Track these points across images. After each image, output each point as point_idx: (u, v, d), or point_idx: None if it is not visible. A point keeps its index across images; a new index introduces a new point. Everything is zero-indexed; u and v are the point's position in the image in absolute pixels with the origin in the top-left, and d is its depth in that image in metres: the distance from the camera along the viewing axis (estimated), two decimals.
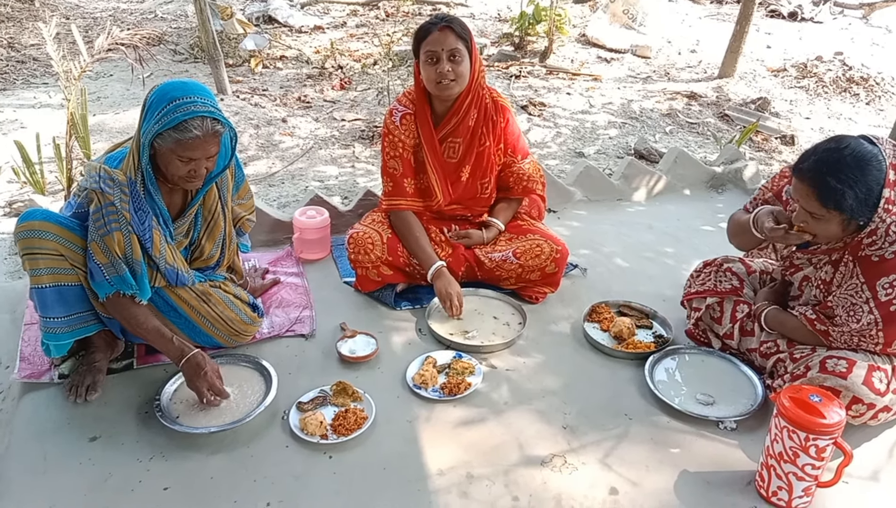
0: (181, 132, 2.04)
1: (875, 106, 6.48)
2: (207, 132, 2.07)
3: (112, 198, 2.11)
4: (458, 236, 2.93)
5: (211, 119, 2.07)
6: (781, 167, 2.45)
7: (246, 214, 2.65)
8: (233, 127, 2.21)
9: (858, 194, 2.01)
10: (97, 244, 2.13)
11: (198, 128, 2.05)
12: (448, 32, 2.61)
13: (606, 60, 7.13)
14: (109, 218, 2.11)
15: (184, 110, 2.03)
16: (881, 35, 9.13)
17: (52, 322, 2.19)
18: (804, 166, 2.09)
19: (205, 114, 2.06)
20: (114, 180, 2.12)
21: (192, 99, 2.05)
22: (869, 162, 2.02)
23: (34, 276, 2.15)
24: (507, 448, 2.18)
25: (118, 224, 2.12)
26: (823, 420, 1.85)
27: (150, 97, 2.10)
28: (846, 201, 2.02)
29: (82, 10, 7.90)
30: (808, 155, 2.10)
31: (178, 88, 2.08)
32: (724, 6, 10.11)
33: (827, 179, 2.02)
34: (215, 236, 2.43)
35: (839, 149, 2.05)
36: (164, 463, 2.07)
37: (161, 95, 2.07)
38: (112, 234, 2.11)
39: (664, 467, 2.12)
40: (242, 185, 2.59)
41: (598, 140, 5.21)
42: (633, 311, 2.84)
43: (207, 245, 2.42)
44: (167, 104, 2.04)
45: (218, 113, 2.10)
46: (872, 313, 2.11)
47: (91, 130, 4.40)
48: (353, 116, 5.37)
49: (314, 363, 2.53)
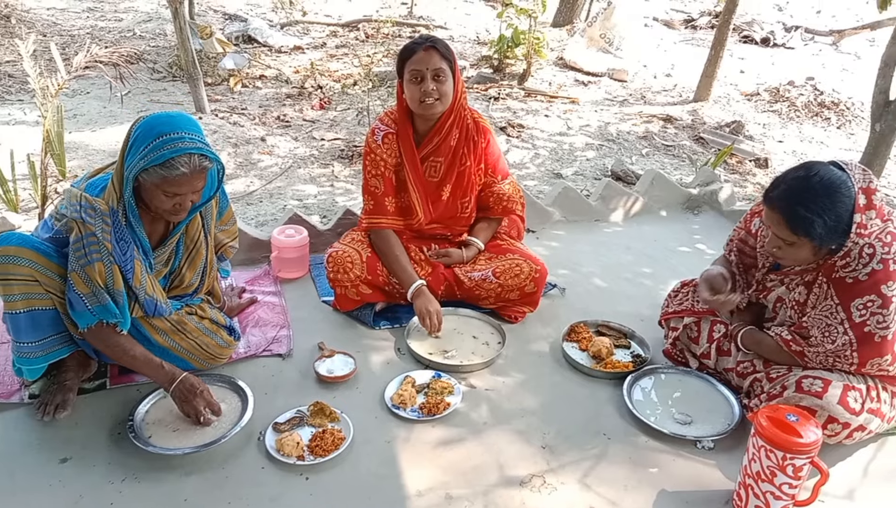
0: (168, 169, 1.99)
1: (846, 130, 6.63)
2: (195, 169, 2.02)
3: (93, 228, 2.05)
4: (438, 254, 2.93)
5: (199, 155, 2.02)
6: (751, 207, 2.49)
7: (228, 240, 2.60)
8: (220, 161, 2.16)
9: (828, 221, 2.03)
10: (78, 275, 2.08)
11: (185, 165, 2.00)
12: (432, 52, 2.63)
13: (584, 84, 7.22)
14: (91, 248, 2.06)
15: (171, 147, 1.98)
16: (850, 61, 9.37)
17: (26, 347, 2.15)
18: (774, 195, 2.11)
19: (193, 151, 2.00)
20: (95, 210, 2.06)
21: (179, 135, 2.00)
22: (838, 189, 2.04)
23: (8, 301, 2.10)
24: (487, 468, 2.16)
25: (99, 254, 2.07)
26: (800, 440, 1.86)
27: (135, 130, 2.04)
28: (816, 230, 2.04)
29: (59, 28, 7.85)
30: (778, 183, 2.12)
31: (164, 121, 2.02)
32: (699, 31, 10.31)
33: (796, 208, 2.04)
34: (196, 264, 2.40)
35: (808, 177, 2.06)
36: (137, 486, 2.03)
37: (147, 130, 2.01)
38: (94, 264, 2.06)
39: (643, 486, 2.12)
40: (226, 211, 2.55)
41: (575, 162, 5.26)
42: (612, 331, 2.85)
43: (188, 274, 2.39)
44: (154, 140, 1.98)
45: (206, 149, 2.05)
46: (847, 334, 2.13)
47: (67, 148, 4.36)
48: (333, 136, 5.37)
49: (291, 383, 2.50)
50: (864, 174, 2.11)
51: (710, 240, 3.74)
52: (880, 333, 2.09)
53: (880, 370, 2.16)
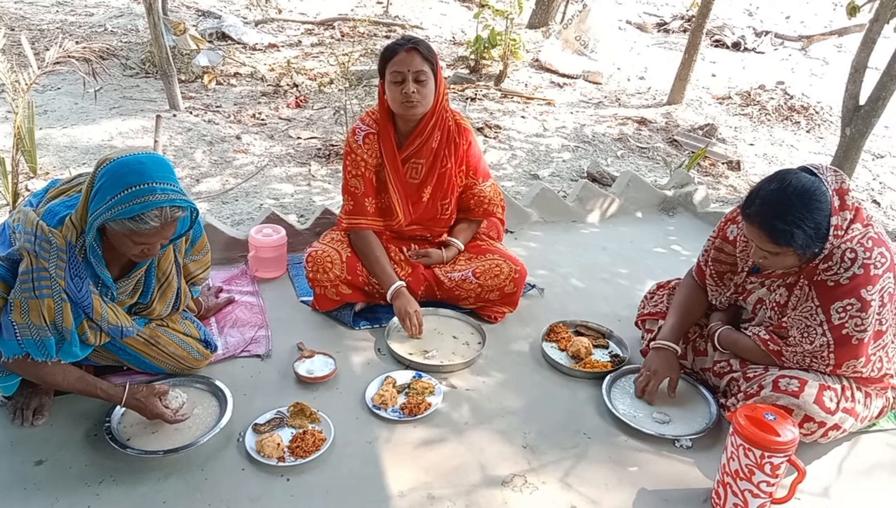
0: (136, 222, 1.87)
1: (815, 134, 6.75)
2: (166, 221, 1.91)
3: (46, 264, 1.89)
4: (418, 255, 2.93)
5: (171, 207, 1.91)
6: (726, 214, 2.52)
7: (200, 272, 2.52)
8: (194, 206, 2.05)
9: (807, 230, 2.06)
10: (20, 302, 1.90)
11: (155, 218, 1.88)
12: (414, 54, 2.63)
13: (559, 85, 7.27)
14: (41, 283, 1.90)
15: (141, 201, 1.84)
16: (819, 66, 9.54)
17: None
18: (751, 211, 2.13)
19: (165, 204, 1.88)
20: (50, 243, 1.90)
21: (150, 186, 1.86)
22: (812, 196, 2.07)
23: None
24: (468, 468, 2.17)
25: (50, 291, 1.91)
26: (778, 438, 1.89)
27: (100, 174, 1.88)
28: (796, 240, 2.07)
29: (28, 22, 7.69)
30: (754, 197, 2.14)
31: (134, 170, 1.87)
32: (671, 35, 10.43)
33: (774, 223, 2.07)
34: (167, 297, 2.30)
35: (782, 189, 2.08)
36: (115, 488, 2.00)
37: (115, 178, 1.86)
38: (42, 300, 1.90)
39: (623, 485, 2.14)
40: (199, 240, 2.46)
41: (552, 163, 5.29)
42: (590, 331, 2.87)
43: (158, 306, 2.28)
44: (122, 190, 1.84)
45: (179, 200, 1.92)
46: (825, 336, 2.17)
47: (37, 145, 4.28)
48: (309, 135, 5.34)
49: (270, 383, 2.48)
50: (836, 176, 2.15)
51: (685, 241, 3.79)
52: (857, 335, 2.13)
53: (854, 372, 2.20)
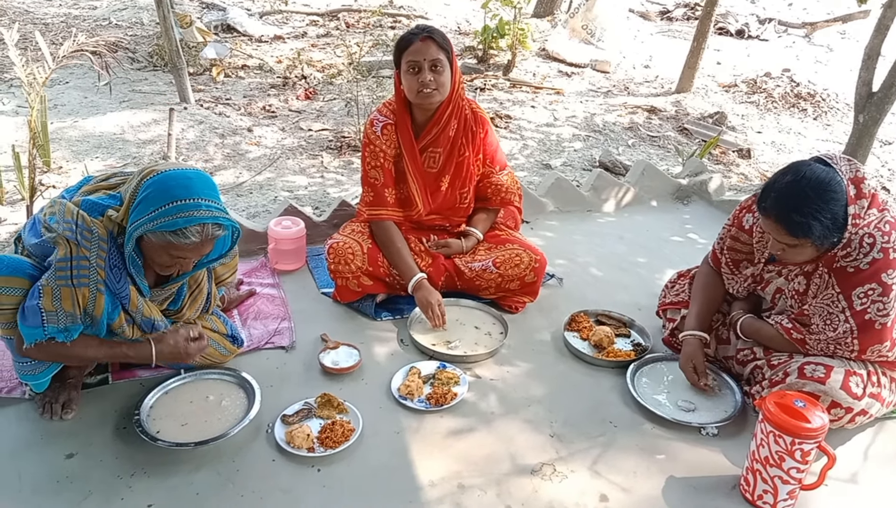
0: (177, 237, 1.89)
1: (822, 121, 6.73)
2: (206, 238, 1.93)
3: (87, 253, 1.91)
4: (438, 245, 2.93)
5: (213, 225, 1.93)
6: (741, 202, 2.50)
7: (228, 275, 2.50)
8: (237, 226, 2.06)
9: (824, 221, 2.06)
10: (51, 289, 1.91)
11: (196, 234, 1.90)
12: (430, 43, 2.62)
13: (567, 75, 7.25)
14: (80, 272, 1.91)
15: (185, 215, 1.87)
16: (824, 53, 9.50)
17: (27, 366, 2.06)
18: (767, 205, 2.12)
19: (208, 221, 1.91)
20: (92, 233, 1.92)
21: (195, 201, 1.89)
22: (828, 187, 2.06)
23: (3, 328, 2.00)
24: (497, 457, 2.17)
25: (87, 280, 1.92)
26: (808, 425, 1.90)
27: (145, 186, 1.91)
28: (814, 232, 2.06)
29: (32, 16, 7.67)
30: (769, 191, 2.13)
31: (181, 184, 1.90)
32: (675, 23, 10.39)
33: (791, 215, 2.06)
34: (198, 302, 2.32)
35: (797, 181, 2.08)
36: (147, 480, 2.01)
37: (161, 190, 1.89)
38: (78, 289, 1.91)
39: (651, 473, 2.15)
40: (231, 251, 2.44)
41: (563, 152, 5.29)
42: (612, 320, 2.87)
43: (188, 311, 2.29)
44: (167, 203, 1.87)
45: (221, 218, 1.94)
46: (848, 322, 2.17)
47: (49, 139, 4.27)
48: (320, 126, 5.33)
49: (296, 375, 2.49)
50: (850, 165, 2.14)
51: (702, 229, 3.79)
52: (881, 320, 2.13)
53: (880, 357, 2.21)
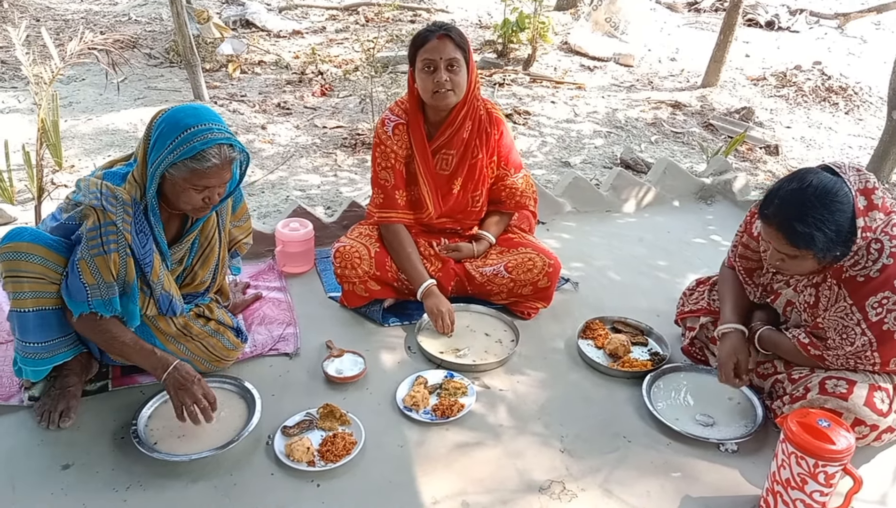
0: (198, 162, 1.95)
1: (854, 115, 6.52)
2: (225, 159, 1.99)
3: (114, 217, 1.99)
4: (448, 249, 2.84)
5: (227, 146, 1.99)
6: (751, 208, 2.37)
7: (243, 237, 2.54)
8: (246, 151, 2.11)
9: (827, 232, 1.94)
10: (87, 264, 1.99)
11: (216, 156, 1.96)
12: (447, 41, 2.53)
13: (589, 69, 7.09)
14: (108, 238, 1.99)
15: (201, 139, 1.94)
16: (857, 45, 9.23)
17: (32, 347, 2.07)
18: (769, 212, 2.02)
19: (222, 141, 1.97)
20: (117, 198, 2.00)
21: (207, 126, 1.96)
22: (834, 197, 1.95)
23: (16, 299, 2.03)
24: (504, 473, 2.09)
25: (116, 245, 2.00)
26: (833, 447, 1.79)
27: (157, 125, 2.00)
28: (816, 243, 1.95)
29: (53, 12, 7.70)
30: (772, 198, 2.03)
31: (189, 113, 1.99)
32: (703, 14, 10.16)
33: (793, 225, 1.96)
34: (210, 262, 2.33)
35: (802, 189, 1.97)
36: (143, 493, 1.96)
37: (172, 124, 1.97)
38: (108, 255, 1.99)
39: (665, 492, 2.05)
40: (240, 206, 2.48)
41: (583, 149, 5.16)
42: (628, 327, 2.77)
43: (200, 272, 2.32)
44: (181, 133, 1.94)
45: (233, 139, 2.02)
46: (865, 335, 2.05)
47: (63, 137, 4.26)
48: (335, 124, 5.26)
49: (299, 383, 2.42)
50: (860, 175, 2.03)
51: (725, 231, 3.64)
52: None
53: None
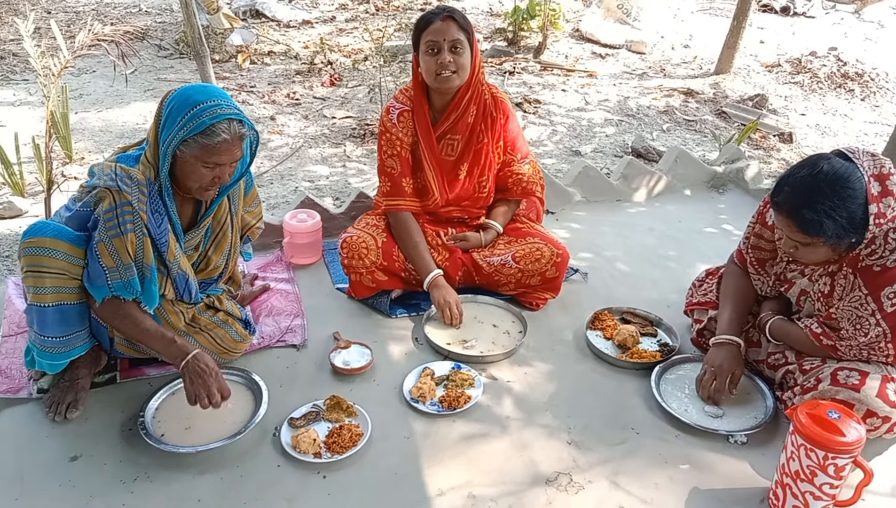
0: (209, 137, 1.96)
1: (870, 102, 6.42)
2: (234, 135, 2.00)
3: (129, 197, 2.00)
4: (455, 239, 2.82)
5: (237, 121, 2.00)
6: (764, 196, 2.33)
7: (255, 222, 2.53)
8: (255, 128, 2.12)
9: (839, 220, 1.91)
10: (105, 246, 2.00)
11: (225, 131, 1.97)
12: (450, 23, 2.52)
13: (601, 56, 7.03)
14: (125, 218, 2.00)
15: (210, 114, 1.95)
16: (874, 30, 9.09)
17: (51, 342, 2.08)
18: (779, 199, 1.99)
19: (231, 116, 1.98)
20: (132, 179, 2.01)
21: (216, 102, 1.98)
22: (846, 183, 1.91)
23: (37, 294, 2.02)
24: (511, 465, 2.08)
25: (133, 225, 2.01)
26: (843, 438, 1.77)
27: (167, 103, 2.01)
28: (826, 230, 1.92)
29: (64, 4, 7.72)
30: (783, 185, 2.00)
31: (198, 91, 2.01)
32: (717, 0, 10.04)
33: (803, 212, 1.93)
34: (223, 247, 2.33)
35: (813, 175, 1.94)
36: (150, 485, 1.97)
37: (182, 101, 1.98)
38: (125, 236, 2.00)
39: (674, 485, 2.03)
40: (251, 190, 2.48)
41: (594, 138, 5.11)
42: (637, 318, 2.74)
43: (214, 257, 2.32)
44: (191, 109, 1.95)
45: (242, 115, 2.03)
46: (880, 325, 2.01)
47: (73, 129, 4.27)
48: (344, 114, 5.24)
49: (306, 375, 2.42)
50: (875, 160, 1.98)
51: (737, 221, 3.60)
52: None
53: None
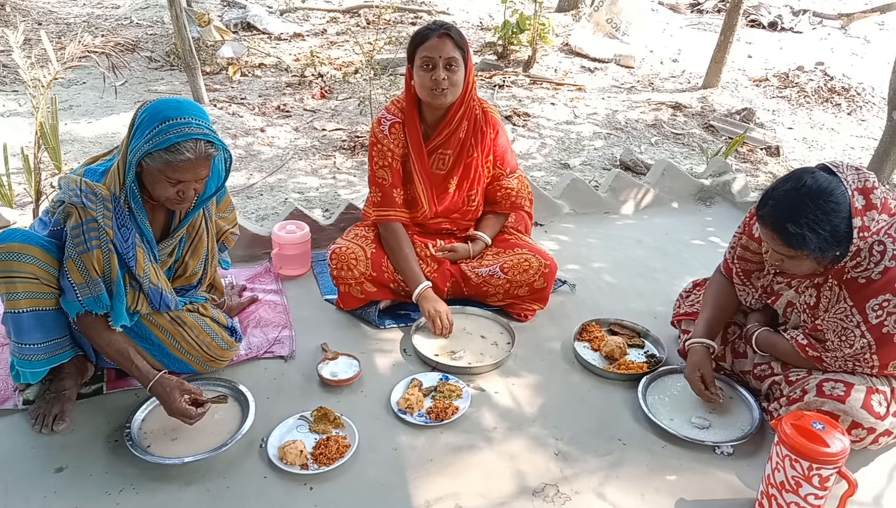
0: (172, 154, 1.94)
1: (857, 116, 6.49)
2: (200, 155, 1.97)
3: (94, 214, 1.99)
4: (444, 250, 2.84)
5: (205, 142, 1.98)
6: (750, 209, 2.35)
7: (229, 227, 2.54)
8: (227, 149, 2.11)
9: (822, 233, 1.93)
10: (73, 262, 2.01)
11: (190, 150, 1.94)
12: (446, 40, 2.54)
13: (590, 70, 7.09)
14: (90, 235, 1.99)
15: (177, 132, 1.93)
16: (860, 45, 9.20)
17: (29, 349, 2.07)
18: (764, 212, 2.01)
19: (199, 136, 1.96)
20: (96, 195, 2.00)
21: (186, 120, 1.95)
22: (829, 197, 1.93)
23: (9, 300, 2.03)
24: (498, 477, 2.08)
25: (98, 241, 2.00)
26: (827, 449, 1.78)
27: (140, 114, 2.00)
28: (809, 244, 1.94)
29: (55, 16, 7.72)
30: (767, 198, 2.02)
31: (172, 106, 1.98)
32: (705, 15, 10.14)
33: (786, 226, 1.95)
34: (199, 253, 2.33)
35: (796, 189, 1.96)
36: (135, 497, 1.96)
37: (153, 114, 1.96)
38: (91, 251, 2.00)
39: (660, 495, 2.04)
40: (224, 198, 2.49)
41: (583, 151, 5.15)
42: (625, 329, 2.75)
43: (191, 263, 2.32)
44: (159, 123, 1.94)
45: (212, 135, 2.00)
46: (865, 337, 2.03)
47: (62, 140, 4.25)
48: (334, 126, 5.26)
49: (294, 386, 2.42)
50: (859, 174, 2.00)
51: (724, 233, 3.63)
52: None
53: None
